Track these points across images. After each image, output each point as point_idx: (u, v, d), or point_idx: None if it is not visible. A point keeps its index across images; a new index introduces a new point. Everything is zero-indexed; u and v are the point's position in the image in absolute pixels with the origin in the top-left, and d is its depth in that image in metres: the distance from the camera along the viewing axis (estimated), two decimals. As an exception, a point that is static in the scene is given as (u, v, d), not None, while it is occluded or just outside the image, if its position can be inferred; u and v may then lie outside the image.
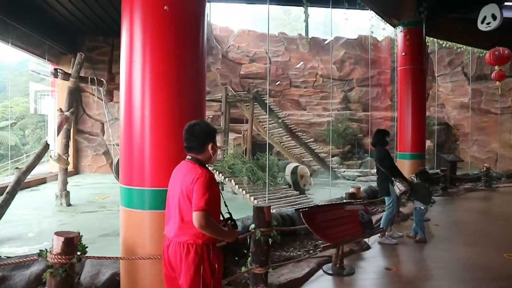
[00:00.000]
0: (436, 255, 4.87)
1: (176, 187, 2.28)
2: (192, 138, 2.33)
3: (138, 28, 3.22)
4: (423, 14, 8.79)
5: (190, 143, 2.33)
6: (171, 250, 2.28)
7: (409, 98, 9.37)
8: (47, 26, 12.09)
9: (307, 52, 20.22)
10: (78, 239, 3.03)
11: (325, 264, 4.39)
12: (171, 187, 2.36)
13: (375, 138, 5.55)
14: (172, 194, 2.31)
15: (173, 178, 2.38)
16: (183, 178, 2.24)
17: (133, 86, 3.24)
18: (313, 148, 13.66)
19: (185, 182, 2.21)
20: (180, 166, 2.37)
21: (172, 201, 2.31)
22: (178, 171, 2.36)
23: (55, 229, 6.69)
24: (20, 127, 23.40)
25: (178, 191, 2.25)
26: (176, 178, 2.33)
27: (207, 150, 2.31)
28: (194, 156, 2.32)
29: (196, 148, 2.32)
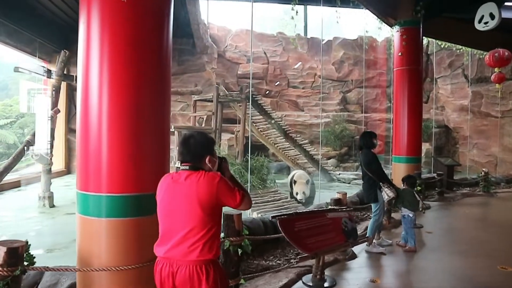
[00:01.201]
0: (425, 266, 4.59)
1: (179, 200, 2.01)
2: (187, 151, 2.13)
3: (95, 22, 2.97)
4: (420, 14, 8.52)
5: (186, 157, 2.13)
6: (181, 275, 1.96)
7: (405, 99, 9.10)
8: (37, 23, 11.87)
9: (305, 53, 19.97)
10: (25, 249, 2.79)
11: (305, 275, 4.12)
12: (168, 201, 2.07)
13: (361, 141, 5.27)
14: (173, 209, 2.03)
15: (169, 191, 2.08)
16: (190, 189, 1.99)
17: (89, 83, 2.99)
18: (307, 149, 13.39)
19: (200, 191, 1.97)
20: (177, 177, 2.08)
21: (175, 217, 2.02)
22: (177, 183, 2.06)
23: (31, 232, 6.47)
24: (20, 125, 23.32)
25: (186, 204, 1.99)
26: (176, 190, 2.04)
27: (204, 163, 2.12)
28: (192, 165, 2.10)
29: (193, 162, 2.11)
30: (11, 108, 24.35)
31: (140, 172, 3.00)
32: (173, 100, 16.17)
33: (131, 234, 2.98)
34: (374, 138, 5.19)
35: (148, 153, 3.02)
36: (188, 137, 2.17)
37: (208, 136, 2.23)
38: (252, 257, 4.45)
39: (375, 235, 5.23)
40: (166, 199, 2.07)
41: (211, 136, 2.28)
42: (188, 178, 2.04)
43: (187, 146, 2.13)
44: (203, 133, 2.23)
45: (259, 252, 4.65)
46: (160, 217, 2.10)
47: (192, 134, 2.19)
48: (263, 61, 19.71)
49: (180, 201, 2.01)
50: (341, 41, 19.87)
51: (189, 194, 1.99)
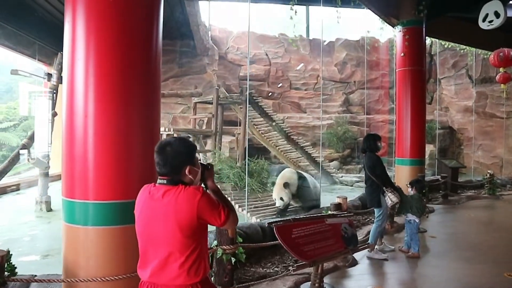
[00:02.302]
0: (429, 273, 4.43)
1: (157, 221, 1.78)
2: (164, 162, 1.85)
3: (81, 21, 2.86)
4: (422, 13, 8.35)
5: (162, 169, 1.85)
6: None
7: (408, 100, 8.92)
8: (37, 26, 11.78)
9: (307, 54, 19.82)
10: (6, 259, 2.67)
11: (303, 283, 3.98)
12: (145, 221, 1.82)
13: (365, 143, 5.10)
14: (151, 230, 1.80)
15: (146, 209, 1.83)
16: (168, 209, 1.76)
17: (75, 86, 2.87)
18: (309, 152, 13.23)
19: (178, 211, 1.74)
20: (154, 193, 1.83)
21: (153, 239, 1.80)
22: (153, 201, 1.81)
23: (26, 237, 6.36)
24: (23, 128, 23.33)
25: (164, 227, 1.76)
26: (154, 209, 1.80)
27: (184, 175, 1.85)
28: (170, 178, 1.84)
29: (171, 174, 1.85)
30: (14, 111, 24.40)
31: (128, 178, 2.87)
32: (173, 102, 16.09)
33: (119, 243, 2.86)
34: (378, 140, 5.02)
35: (137, 158, 2.90)
36: (164, 145, 1.88)
37: (188, 142, 1.96)
38: (249, 265, 4.31)
39: (377, 241, 5.07)
40: (143, 219, 1.84)
41: (191, 142, 2.02)
42: (165, 195, 1.79)
43: (163, 156, 1.86)
44: (182, 139, 1.95)
45: (256, 259, 4.51)
46: (138, 236, 1.87)
47: (168, 141, 1.90)
48: (265, 62, 19.57)
49: (158, 222, 1.78)
50: (343, 42, 19.72)
51: (167, 215, 1.76)
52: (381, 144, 5.08)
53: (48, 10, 11.57)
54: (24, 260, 5.15)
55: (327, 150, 16.35)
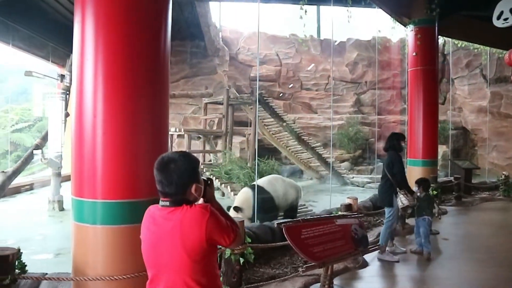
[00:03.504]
0: (441, 276, 4.35)
1: (162, 247, 1.65)
2: (169, 182, 1.67)
3: (90, 22, 2.87)
4: (435, 12, 8.23)
5: (166, 189, 1.68)
6: None
7: (420, 100, 8.81)
8: (50, 28, 11.97)
9: (318, 54, 19.72)
10: (17, 257, 2.69)
11: (312, 284, 3.94)
12: (151, 246, 1.69)
13: (388, 142, 5.02)
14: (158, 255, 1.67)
15: (151, 233, 1.69)
16: (173, 232, 1.62)
17: (84, 86, 2.89)
18: (320, 152, 13.15)
19: (185, 236, 1.60)
20: (158, 216, 1.69)
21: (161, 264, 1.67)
22: (157, 225, 1.68)
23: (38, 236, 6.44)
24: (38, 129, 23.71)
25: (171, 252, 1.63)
26: (158, 234, 1.67)
27: (189, 193, 1.70)
28: (173, 199, 1.68)
29: (175, 194, 1.68)
30: (29, 112, 24.82)
31: (136, 178, 2.88)
32: (184, 103, 16.17)
33: (127, 242, 2.86)
34: (402, 140, 4.96)
35: (144, 158, 2.90)
36: (166, 162, 1.69)
37: (192, 157, 1.77)
38: (258, 265, 4.28)
39: (388, 242, 5.00)
40: (148, 244, 1.70)
41: (194, 156, 1.82)
42: (169, 217, 1.65)
43: (167, 175, 1.67)
44: (185, 154, 1.76)
45: (265, 260, 4.48)
46: (145, 261, 1.73)
47: (171, 157, 1.71)
48: (275, 63, 19.54)
49: (164, 248, 1.64)
50: (354, 42, 19.57)
51: (173, 240, 1.61)
52: (405, 144, 5.03)
53: (61, 12, 11.73)
54: (37, 258, 5.21)
55: (338, 151, 16.24)
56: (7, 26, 10.52)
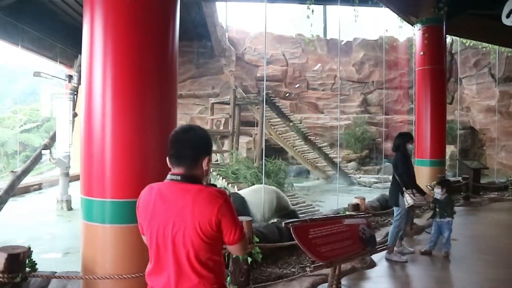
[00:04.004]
0: (449, 276, 4.33)
1: (173, 225, 1.59)
2: (185, 147, 1.66)
3: (98, 22, 2.90)
4: (442, 11, 8.18)
5: (184, 152, 1.66)
6: None
7: (427, 100, 8.77)
8: (58, 29, 12.08)
9: (325, 54, 19.68)
10: (27, 255, 2.72)
11: (320, 284, 3.93)
12: (157, 225, 1.63)
13: (395, 142, 5.02)
14: (165, 235, 1.61)
15: (158, 212, 1.63)
16: (184, 211, 1.58)
17: (93, 86, 2.92)
18: (327, 152, 13.12)
19: (196, 215, 1.56)
20: (166, 193, 1.64)
21: (168, 245, 1.61)
22: (166, 203, 1.62)
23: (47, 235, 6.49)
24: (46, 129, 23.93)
25: (180, 229, 1.58)
26: (167, 212, 1.61)
27: (201, 165, 1.68)
28: (185, 173, 1.64)
29: (188, 167, 1.65)
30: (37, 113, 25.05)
31: (145, 177, 2.89)
32: (191, 103, 16.21)
33: (135, 240, 2.85)
34: (408, 141, 4.93)
35: (153, 157, 2.92)
36: (187, 129, 1.71)
37: (209, 133, 1.79)
38: (266, 265, 4.28)
39: (396, 242, 4.97)
40: (155, 222, 1.64)
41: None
42: (181, 194, 1.61)
43: (187, 143, 1.67)
44: (200, 126, 1.79)
45: (273, 260, 4.48)
46: (150, 241, 1.67)
47: (191, 127, 1.74)
48: (282, 63, 19.53)
49: (174, 225, 1.59)
50: (361, 42, 19.49)
51: (184, 216, 1.58)
52: (412, 145, 4.99)
53: (69, 14, 11.82)
54: (45, 257, 5.25)
55: (344, 151, 16.18)
56: (17, 28, 10.63)
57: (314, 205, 8.29)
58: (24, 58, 12.94)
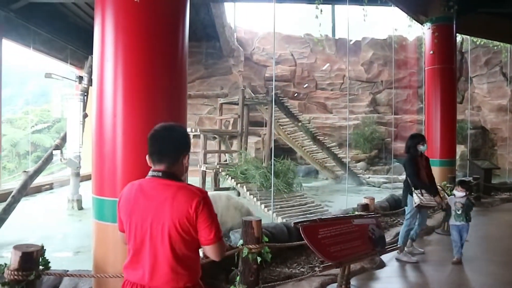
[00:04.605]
0: (460, 278, 4.29)
1: (152, 220, 1.63)
2: (169, 144, 1.72)
3: (109, 22, 2.93)
4: (452, 9, 8.10)
5: (165, 150, 1.71)
6: None
7: (437, 99, 8.70)
8: (69, 31, 12.25)
9: (333, 54, 19.61)
10: (40, 253, 2.76)
11: (329, 284, 3.93)
12: (138, 219, 1.66)
13: (406, 144, 5.05)
14: (144, 231, 1.64)
15: (138, 207, 1.67)
16: (163, 206, 1.62)
17: (104, 86, 2.95)
18: (335, 152, 13.08)
19: (174, 210, 1.60)
20: (145, 191, 1.69)
21: (144, 237, 1.65)
22: (147, 199, 1.66)
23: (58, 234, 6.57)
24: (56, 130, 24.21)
25: (159, 223, 1.62)
26: (147, 208, 1.65)
27: (181, 162, 1.74)
28: (166, 170, 1.69)
29: (169, 164, 1.70)
30: (48, 114, 25.37)
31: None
32: (200, 103, 16.27)
33: (146, 240, 2.91)
34: (419, 142, 4.93)
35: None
36: (169, 129, 1.76)
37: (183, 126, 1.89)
38: (275, 265, 4.30)
39: (406, 242, 4.94)
40: (137, 217, 1.66)
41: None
42: (162, 190, 1.65)
43: (170, 141, 1.73)
44: (179, 124, 1.89)
45: (282, 259, 4.49)
46: (129, 235, 1.70)
47: (172, 126, 1.80)
48: (290, 63, 19.51)
49: (154, 220, 1.63)
50: (370, 41, 19.39)
51: (163, 211, 1.62)
52: (424, 146, 4.94)
53: (80, 16, 11.96)
54: (57, 256, 5.32)
55: (353, 151, 16.12)
56: (29, 30, 10.80)
57: (323, 205, 8.27)
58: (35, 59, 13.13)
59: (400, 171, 14.33)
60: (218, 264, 3.59)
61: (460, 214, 4.70)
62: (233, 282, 3.42)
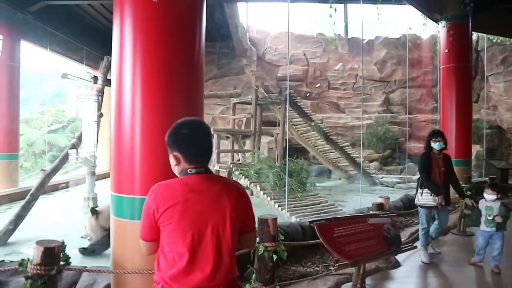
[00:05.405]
0: (476, 279, 4.24)
1: (207, 213, 1.61)
2: (209, 142, 1.73)
3: (128, 22, 2.98)
4: (468, 7, 8.00)
5: (207, 148, 1.73)
6: None
7: (452, 99, 8.60)
8: (84, 32, 12.45)
9: (346, 53, 19.51)
10: (61, 249, 2.82)
11: (344, 284, 3.93)
12: (189, 217, 1.60)
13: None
14: (202, 225, 1.61)
15: (188, 205, 1.61)
16: (221, 199, 1.63)
17: (123, 86, 3.00)
18: (349, 152, 13.02)
19: (231, 201, 1.64)
20: (193, 185, 1.64)
21: (203, 235, 1.61)
22: (197, 193, 1.63)
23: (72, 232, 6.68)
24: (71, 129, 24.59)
25: (220, 216, 1.62)
26: (202, 202, 1.62)
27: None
28: (207, 166, 1.72)
29: (211, 154, 1.75)
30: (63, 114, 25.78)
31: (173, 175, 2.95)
32: (213, 103, 16.36)
33: (164, 237, 2.95)
34: (431, 139, 4.88)
35: (181, 155, 2.98)
36: (207, 127, 1.76)
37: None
38: (289, 263, 4.31)
39: (424, 242, 4.88)
40: (190, 218, 1.61)
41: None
42: (213, 186, 1.66)
43: (208, 140, 1.73)
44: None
45: (296, 258, 4.50)
46: (182, 238, 1.60)
47: (199, 121, 1.79)
48: (302, 63, 19.47)
49: (211, 217, 1.62)
50: (383, 40, 19.23)
51: (221, 208, 1.64)
52: (437, 142, 4.84)
53: (95, 17, 12.14)
54: (73, 252, 5.41)
55: (366, 151, 16.01)
56: (46, 32, 11.01)
57: (336, 204, 8.25)
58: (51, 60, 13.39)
59: (414, 171, 14.20)
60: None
61: (492, 220, 4.36)
62: (248, 280, 3.45)
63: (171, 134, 1.75)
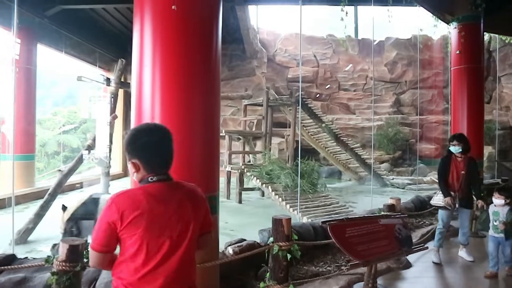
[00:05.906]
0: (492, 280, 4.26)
1: (171, 221, 1.62)
2: (170, 147, 1.75)
3: (147, 29, 3.10)
4: (480, 8, 7.96)
5: (170, 161, 1.74)
6: None
7: (464, 100, 8.55)
8: (98, 35, 12.68)
9: (356, 54, 19.49)
10: (84, 247, 2.94)
11: (356, 283, 4.00)
12: (153, 227, 1.59)
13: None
14: (165, 233, 1.61)
15: (152, 214, 1.59)
16: (184, 205, 1.66)
17: (143, 90, 3.12)
18: (359, 153, 13.03)
19: (195, 206, 1.69)
20: (156, 193, 1.64)
21: (164, 243, 1.61)
22: (161, 201, 1.62)
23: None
24: (83, 130, 24.92)
25: (183, 223, 1.65)
26: (166, 210, 1.62)
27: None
28: (168, 172, 1.73)
29: (172, 159, 1.76)
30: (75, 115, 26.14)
31: (190, 177, 3.06)
32: (224, 104, 16.47)
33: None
34: (450, 142, 5.01)
35: (198, 155, 3.10)
36: (166, 133, 1.75)
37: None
38: (302, 263, 4.40)
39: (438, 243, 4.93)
40: (153, 227, 1.59)
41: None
42: (176, 193, 1.67)
43: (171, 145, 1.75)
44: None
45: (308, 258, 4.58)
46: (146, 247, 1.58)
47: (164, 127, 1.78)
48: (313, 64, 19.50)
49: (176, 224, 1.63)
50: (393, 41, 19.19)
51: (186, 215, 1.67)
52: (455, 146, 4.87)
53: (109, 21, 12.36)
54: (91, 251, 5.53)
55: (377, 152, 15.98)
56: (61, 35, 11.24)
57: (347, 206, 8.30)
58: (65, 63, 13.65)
59: (425, 173, 14.15)
60: (247, 261, 3.72)
61: (497, 226, 4.26)
62: (262, 279, 3.54)
63: (131, 141, 1.70)
